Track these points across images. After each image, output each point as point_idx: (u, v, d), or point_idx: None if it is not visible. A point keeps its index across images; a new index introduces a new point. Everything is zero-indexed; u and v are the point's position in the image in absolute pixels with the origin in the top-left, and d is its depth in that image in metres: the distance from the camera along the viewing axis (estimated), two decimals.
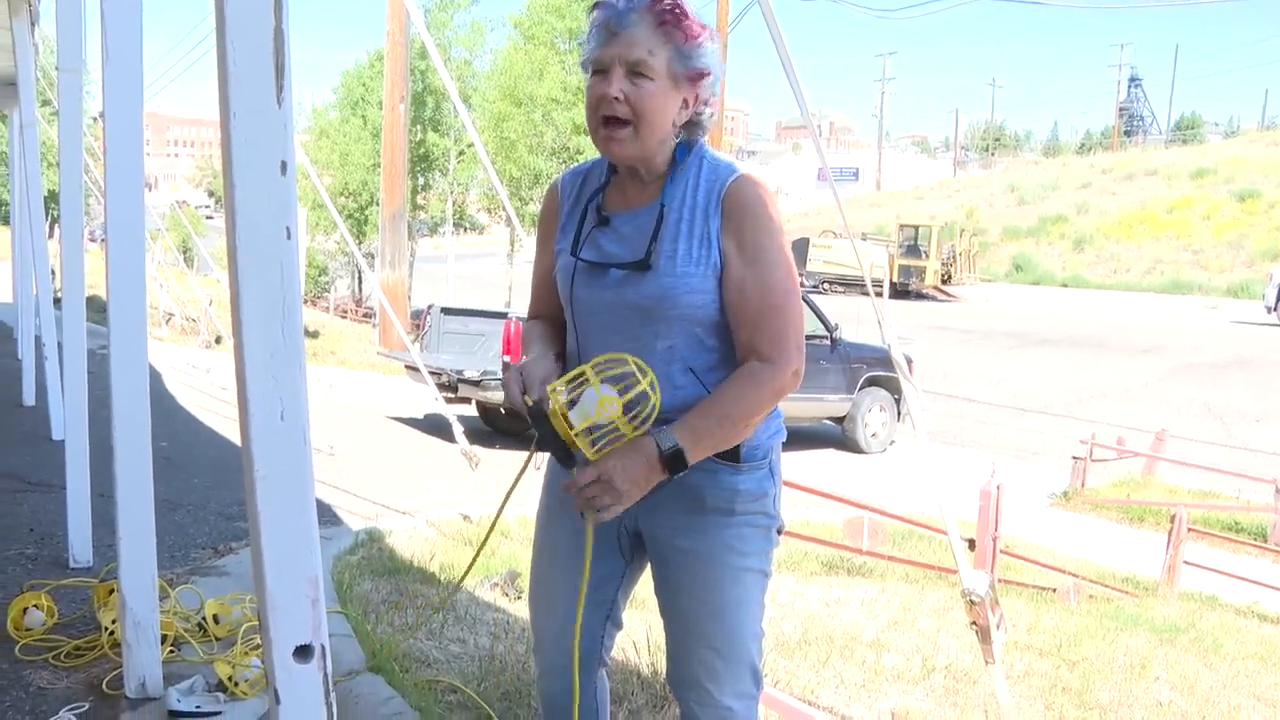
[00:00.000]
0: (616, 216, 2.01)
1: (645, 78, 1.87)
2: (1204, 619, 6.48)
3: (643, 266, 1.92)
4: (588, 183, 2.09)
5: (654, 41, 1.87)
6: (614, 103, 1.87)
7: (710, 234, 1.92)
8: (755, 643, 2.06)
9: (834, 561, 6.84)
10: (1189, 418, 16.14)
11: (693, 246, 1.92)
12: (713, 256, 1.92)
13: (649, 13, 1.87)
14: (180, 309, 20.59)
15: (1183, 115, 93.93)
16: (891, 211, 48.15)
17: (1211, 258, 38.99)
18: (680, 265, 1.91)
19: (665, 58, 1.88)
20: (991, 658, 3.36)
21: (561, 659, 2.16)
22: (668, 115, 1.91)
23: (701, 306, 1.93)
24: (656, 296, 1.91)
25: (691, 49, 1.90)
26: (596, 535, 2.05)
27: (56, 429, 6.81)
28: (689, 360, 1.95)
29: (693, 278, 1.91)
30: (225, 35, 1.34)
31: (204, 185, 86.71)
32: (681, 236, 1.93)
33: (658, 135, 1.91)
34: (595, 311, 2.00)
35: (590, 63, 1.91)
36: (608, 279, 1.96)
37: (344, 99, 36.16)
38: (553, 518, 2.18)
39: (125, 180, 2.79)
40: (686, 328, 1.93)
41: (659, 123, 1.90)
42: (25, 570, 4.27)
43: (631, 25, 1.86)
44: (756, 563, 2.02)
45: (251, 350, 1.40)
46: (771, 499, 2.04)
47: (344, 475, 7.62)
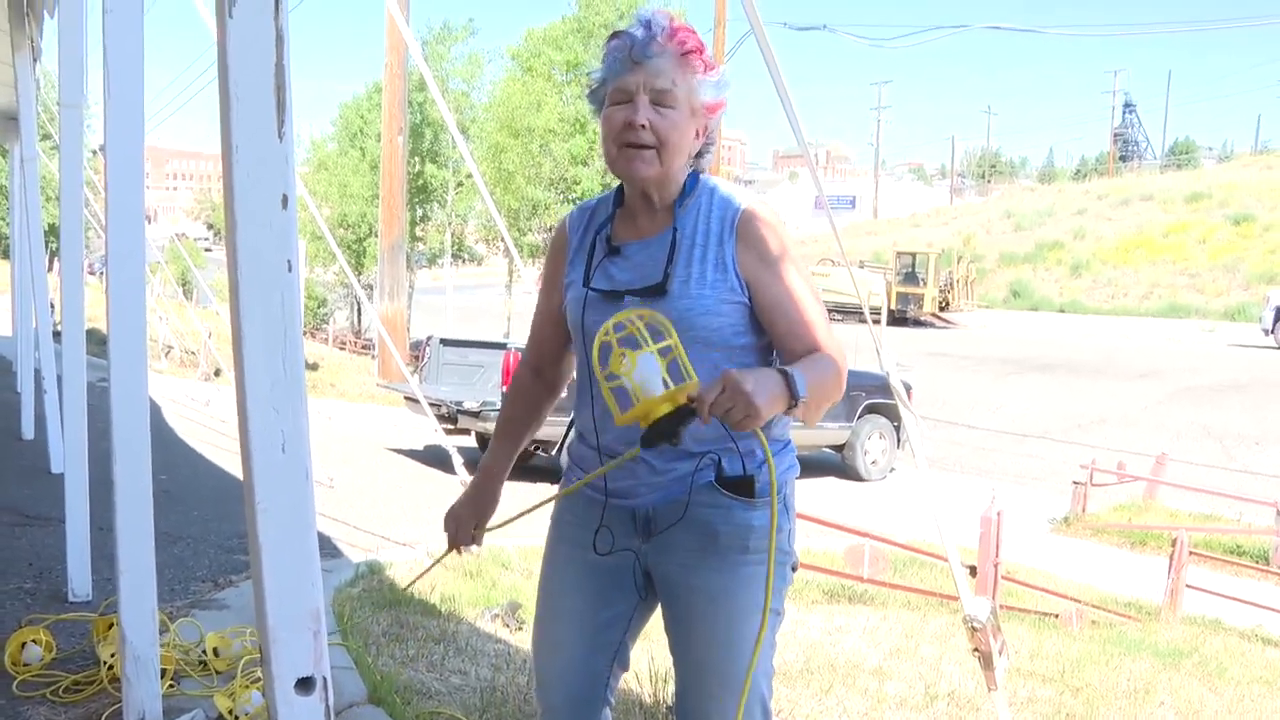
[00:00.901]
0: (627, 246, 2.02)
1: (669, 107, 1.91)
2: (1207, 643, 6.46)
3: (659, 290, 1.93)
4: (595, 216, 2.11)
5: (677, 72, 1.91)
6: (640, 130, 1.90)
7: (725, 260, 1.94)
8: (766, 680, 2.05)
9: (835, 590, 6.82)
10: (1189, 441, 16.12)
11: (706, 271, 1.93)
12: (729, 281, 1.93)
13: (672, 43, 1.91)
14: (180, 342, 20.61)
15: (1177, 140, 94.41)
16: (889, 239, 48.28)
17: (1208, 281, 39.07)
18: (695, 288, 1.92)
19: (686, 88, 1.92)
20: (994, 684, 3.34)
21: (565, 701, 2.13)
22: (687, 144, 1.96)
23: (716, 330, 1.93)
24: (671, 320, 1.88)
25: (710, 81, 1.95)
26: (607, 577, 2.04)
27: (56, 462, 6.79)
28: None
29: (707, 299, 1.92)
30: (227, 69, 1.35)
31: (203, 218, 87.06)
32: (695, 261, 1.94)
33: (678, 162, 1.96)
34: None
35: (613, 90, 1.94)
36: (620, 306, 1.95)
37: (342, 131, 36.38)
38: (560, 556, 2.15)
39: (126, 214, 2.80)
40: (702, 352, 1.91)
41: (681, 150, 1.95)
42: (24, 604, 4.25)
43: (655, 55, 1.90)
44: (774, 603, 1.95)
45: (253, 382, 1.40)
46: (786, 534, 2.02)
47: (344, 507, 7.61)
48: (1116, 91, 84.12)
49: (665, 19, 1.93)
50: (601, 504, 2.03)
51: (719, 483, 1.95)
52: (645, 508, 2.00)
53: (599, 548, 2.03)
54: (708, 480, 1.95)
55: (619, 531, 2.02)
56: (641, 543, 2.02)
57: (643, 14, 1.95)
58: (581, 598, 2.08)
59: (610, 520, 2.03)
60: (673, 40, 1.91)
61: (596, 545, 2.03)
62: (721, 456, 1.95)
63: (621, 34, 1.95)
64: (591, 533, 2.04)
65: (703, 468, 1.95)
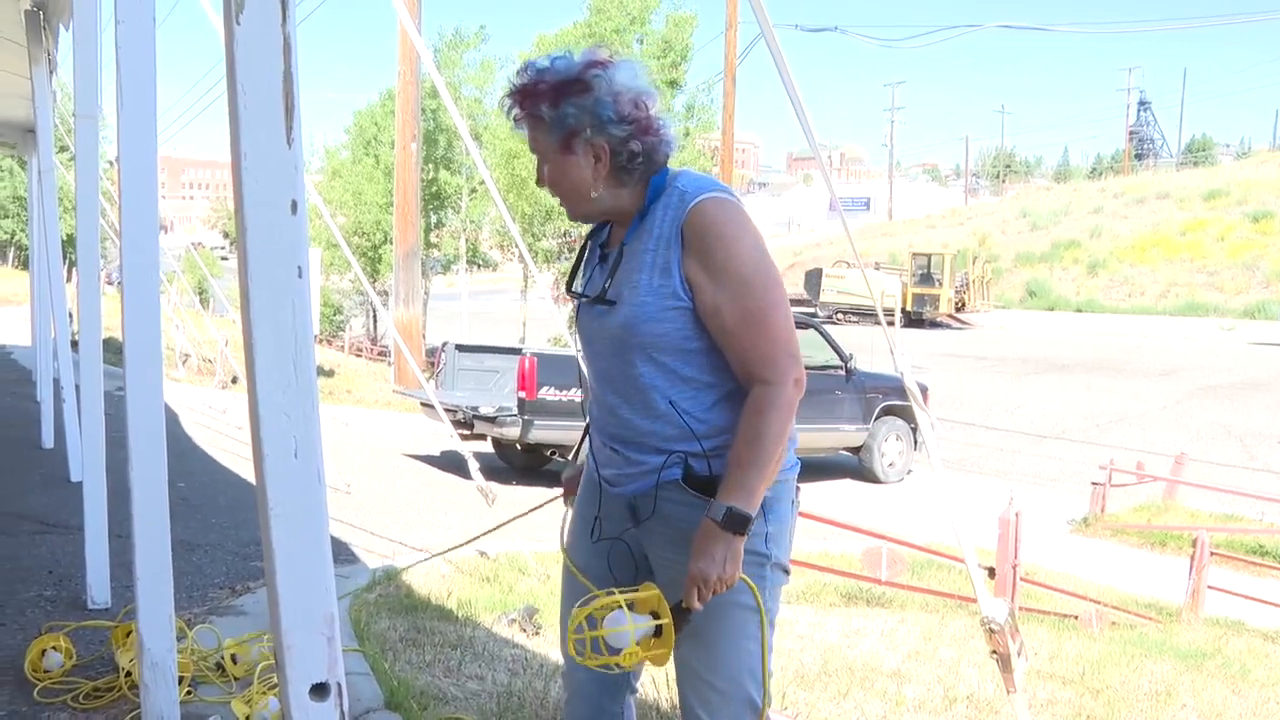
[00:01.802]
0: (612, 252, 2.09)
1: (545, 160, 2.03)
2: (1230, 644, 6.41)
3: (602, 300, 2.03)
4: (604, 226, 2.19)
5: (530, 131, 2.01)
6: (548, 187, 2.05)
7: (670, 263, 1.95)
8: (752, 680, 2.02)
9: (853, 592, 6.79)
10: (1208, 440, 16.02)
11: (654, 277, 1.97)
12: (671, 285, 1.95)
13: (520, 106, 2.00)
14: (196, 350, 20.70)
15: (1193, 138, 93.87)
16: (904, 240, 48.16)
17: (1227, 279, 38.82)
18: (642, 295, 1.97)
19: (541, 139, 2.01)
20: (1013, 687, 3.33)
21: (589, 680, 2.19)
22: (574, 183, 2.02)
23: (662, 335, 1.97)
24: (621, 325, 1.99)
25: (553, 120, 1.97)
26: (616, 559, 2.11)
27: (75, 471, 6.83)
28: (665, 390, 2.00)
29: (649, 307, 1.96)
30: (235, 78, 1.36)
31: (219, 226, 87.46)
32: (644, 268, 1.98)
33: (577, 200, 2.04)
34: (592, 341, 2.10)
35: None
36: (594, 312, 2.07)
37: (356, 139, 36.47)
38: (581, 542, 2.22)
39: (140, 224, 2.82)
40: (654, 357, 1.98)
41: (569, 192, 2.04)
42: (44, 612, 4.28)
43: (518, 121, 2.02)
44: (745, 598, 1.98)
45: (264, 388, 1.41)
46: (761, 537, 2.00)
47: (361, 513, 7.62)
48: (1131, 89, 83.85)
49: (520, 77, 2.00)
50: (608, 494, 2.13)
51: (686, 481, 2.00)
52: (629, 495, 2.07)
53: (592, 535, 2.16)
54: (674, 478, 2.00)
55: (616, 517, 2.11)
56: (634, 528, 2.09)
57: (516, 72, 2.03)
58: (593, 577, 2.14)
59: (608, 506, 2.13)
60: (516, 104, 2.00)
61: (592, 531, 2.15)
62: (689, 457, 2.00)
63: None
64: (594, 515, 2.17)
65: (671, 465, 2.00)
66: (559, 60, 1.96)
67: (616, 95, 1.95)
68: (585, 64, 1.95)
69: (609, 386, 2.07)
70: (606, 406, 2.09)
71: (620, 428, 2.06)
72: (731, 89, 22.19)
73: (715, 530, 1.87)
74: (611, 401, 2.07)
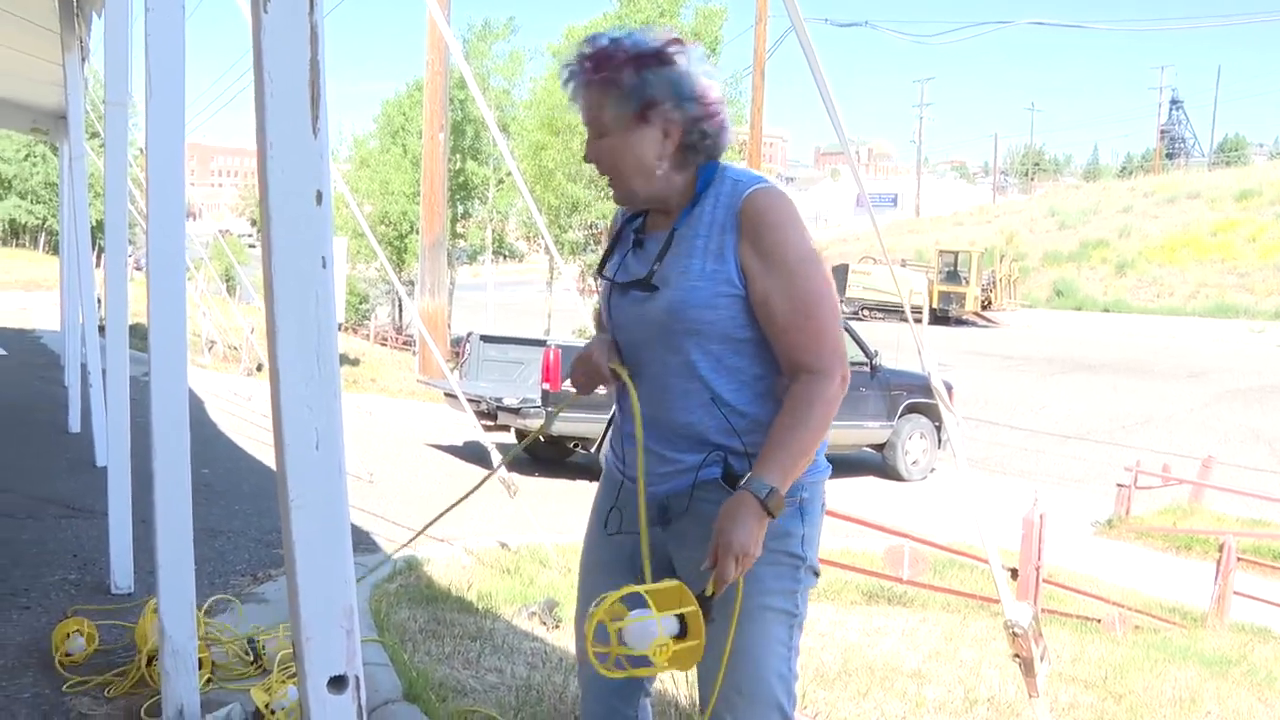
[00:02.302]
0: (649, 238, 2.06)
1: (602, 135, 1.96)
2: (1256, 651, 6.34)
3: (645, 285, 1.98)
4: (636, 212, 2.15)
5: (595, 100, 1.94)
6: (596, 164, 1.99)
7: (725, 249, 1.93)
8: (781, 683, 2.00)
9: (874, 590, 6.76)
10: (1236, 444, 15.87)
11: (706, 262, 1.94)
12: (725, 271, 1.93)
13: (581, 76, 1.94)
14: (223, 337, 20.82)
15: (1226, 137, 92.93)
16: (931, 237, 47.92)
17: (1257, 280, 38.39)
18: (692, 280, 1.93)
19: (610, 110, 1.93)
20: (1035, 690, 3.30)
21: (606, 688, 2.15)
22: (639, 158, 1.95)
23: (712, 322, 1.94)
24: (666, 310, 1.95)
25: (633, 87, 1.91)
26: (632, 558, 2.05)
27: (100, 455, 6.88)
28: (707, 378, 1.96)
29: (701, 291, 1.93)
30: (262, 67, 1.35)
31: (247, 214, 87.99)
32: (696, 253, 1.95)
33: (637, 178, 1.97)
34: (626, 328, 2.05)
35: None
36: (631, 297, 2.03)
37: (384, 128, 36.65)
38: (596, 537, 2.19)
39: (166, 210, 2.83)
40: (700, 344, 1.95)
41: (630, 168, 1.96)
42: (68, 595, 4.31)
43: (578, 91, 1.95)
44: (778, 602, 1.97)
45: (287, 379, 1.40)
46: (799, 539, 1.99)
47: (383, 502, 7.65)
48: (1163, 87, 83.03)
49: (589, 46, 1.94)
50: (632, 491, 2.06)
51: (725, 480, 1.95)
52: (660, 495, 2.02)
53: (608, 527, 2.10)
54: (714, 476, 1.96)
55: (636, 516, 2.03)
56: (661, 530, 2.03)
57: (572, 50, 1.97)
58: (609, 576, 2.10)
59: (629, 504, 2.06)
60: (584, 71, 1.93)
61: (607, 523, 2.10)
62: (729, 454, 1.96)
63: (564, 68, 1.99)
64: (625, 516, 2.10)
65: (710, 463, 1.97)
66: (634, 34, 1.94)
67: (694, 74, 1.94)
68: (666, 40, 1.94)
69: (645, 375, 2.03)
70: (642, 396, 2.02)
71: (656, 418, 2.01)
72: (760, 83, 22.11)
73: (754, 505, 1.82)
74: (647, 390, 2.02)
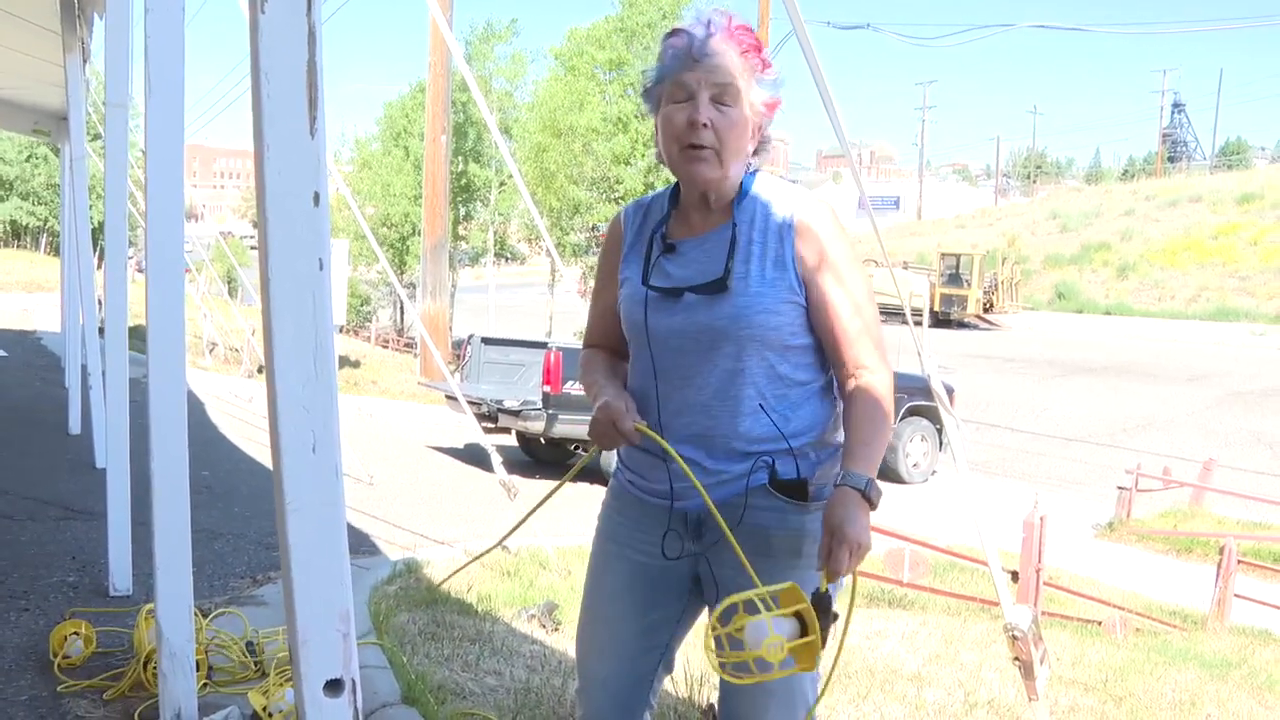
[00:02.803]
0: (683, 244, 2.01)
1: (729, 105, 1.90)
2: (1257, 654, 6.33)
3: (719, 286, 1.92)
4: (650, 214, 2.10)
5: (736, 69, 1.90)
6: (702, 130, 1.89)
7: (785, 257, 1.93)
8: (812, 686, 2.02)
9: (874, 593, 6.76)
10: (1237, 447, 15.86)
11: (766, 268, 1.93)
12: (787, 278, 1.93)
13: (731, 41, 1.90)
14: (223, 339, 20.82)
15: (1227, 140, 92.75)
16: (932, 240, 47.90)
17: (1259, 284, 38.36)
18: (754, 286, 1.92)
19: (745, 86, 1.91)
20: (1035, 693, 3.30)
21: (608, 704, 2.12)
22: (745, 143, 1.95)
23: (774, 329, 1.93)
24: (730, 317, 1.91)
25: (767, 79, 1.94)
26: (657, 579, 2.04)
27: (99, 457, 6.88)
28: (759, 385, 1.94)
29: (766, 298, 1.92)
30: (259, 68, 1.35)
31: (248, 216, 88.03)
32: (754, 258, 1.93)
33: (736, 159, 1.94)
34: (670, 337, 1.98)
35: (672, 86, 1.92)
36: (679, 304, 1.96)
37: (386, 130, 36.64)
38: (609, 556, 2.13)
39: (165, 212, 2.83)
40: (758, 350, 1.93)
41: (740, 148, 1.93)
42: (66, 597, 4.31)
43: (715, 53, 1.89)
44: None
45: (283, 381, 1.40)
46: None
47: (383, 505, 7.64)
48: (1165, 91, 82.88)
49: (724, 17, 1.93)
50: (662, 508, 2.01)
51: (773, 485, 1.94)
52: (697, 509, 1.98)
53: (668, 552, 2.00)
54: (761, 483, 1.94)
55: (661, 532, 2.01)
56: (692, 544, 2.00)
57: (701, 13, 1.94)
58: (630, 600, 2.07)
59: (657, 519, 2.02)
60: (732, 38, 1.90)
61: (665, 550, 2.00)
62: (775, 459, 1.94)
63: (680, 31, 1.94)
64: (644, 535, 2.04)
65: (757, 470, 1.94)
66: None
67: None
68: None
69: (687, 384, 1.97)
70: (679, 406, 1.98)
71: (698, 428, 1.96)
72: None
73: (857, 497, 1.82)
74: (690, 399, 1.97)
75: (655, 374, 2.00)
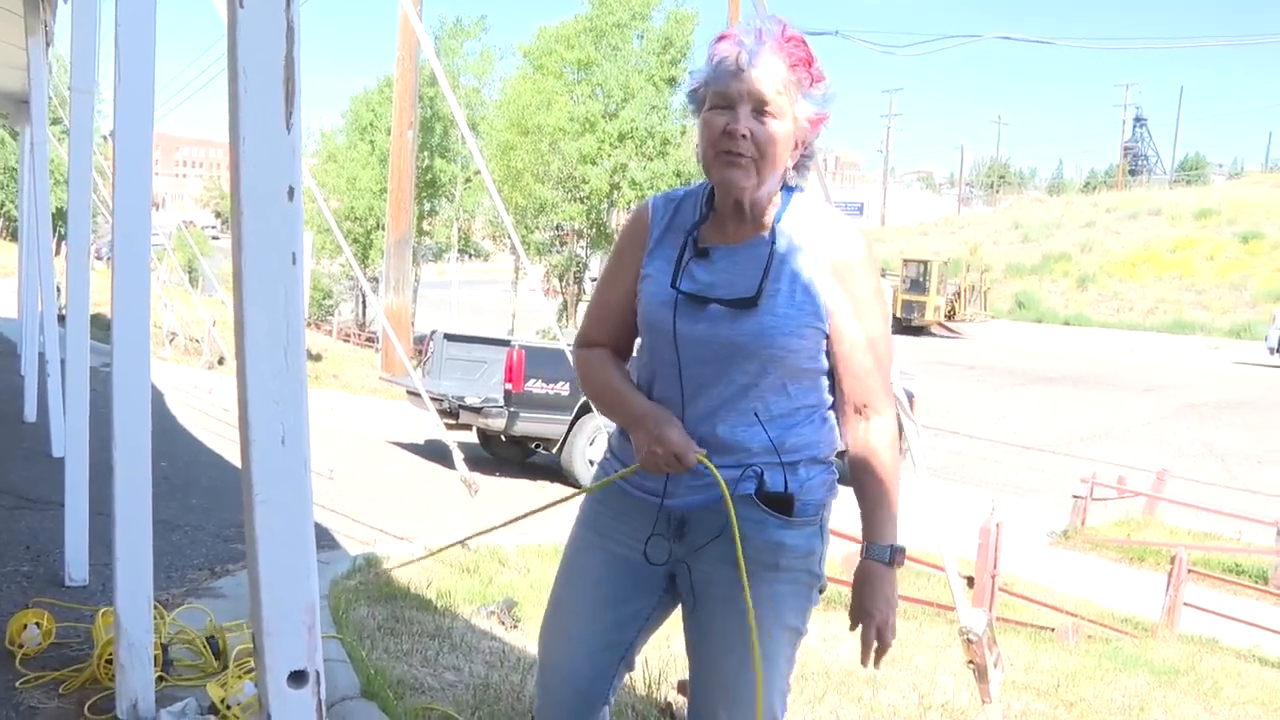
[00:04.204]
0: (715, 250, 1.96)
1: (772, 116, 1.86)
2: (1204, 662, 6.44)
3: (749, 304, 1.90)
4: (681, 211, 2.04)
5: (782, 82, 1.85)
6: (740, 140, 1.85)
7: (816, 284, 1.91)
8: (781, 699, 2.03)
9: (831, 596, 6.73)
10: (1190, 458, 16.10)
11: (796, 291, 1.91)
12: (814, 305, 1.91)
13: (780, 53, 1.86)
14: (184, 329, 20.62)
15: (1187, 156, 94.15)
16: (895, 247, 48.23)
17: (1214, 298, 39.02)
18: (783, 308, 1.90)
19: (789, 99, 1.87)
20: (988, 697, 3.34)
21: (566, 692, 2.11)
22: (785, 156, 1.90)
23: (794, 351, 1.92)
24: (754, 334, 1.89)
25: (815, 94, 1.90)
26: (631, 574, 2.03)
27: (57, 446, 6.80)
28: (767, 401, 1.93)
29: (792, 321, 1.90)
30: (237, 61, 1.35)
31: (211, 206, 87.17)
32: (784, 278, 1.91)
33: (775, 173, 1.90)
34: (692, 344, 1.94)
35: (714, 94, 1.88)
36: (705, 313, 1.93)
37: (352, 124, 36.39)
38: (585, 545, 2.12)
39: (133, 200, 2.80)
40: (774, 370, 1.92)
41: (779, 161, 1.89)
42: (20, 588, 4.25)
43: (763, 64, 1.85)
44: (792, 620, 1.99)
45: (254, 373, 1.40)
46: (818, 558, 2.01)
47: (343, 499, 7.61)
48: (1127, 105, 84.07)
49: (778, 26, 1.89)
50: (650, 505, 2.01)
51: (759, 496, 1.93)
52: (681, 509, 1.98)
53: (652, 558, 2.00)
54: (747, 492, 1.93)
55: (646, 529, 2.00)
56: (672, 543, 2.00)
57: (752, 20, 1.92)
58: (600, 592, 2.07)
59: (645, 515, 2.01)
60: (781, 50, 1.86)
61: (649, 555, 1.99)
62: (765, 470, 1.93)
63: (730, 37, 1.89)
64: (627, 528, 2.03)
65: (745, 479, 1.93)
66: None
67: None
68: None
69: (699, 393, 1.95)
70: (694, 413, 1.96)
71: (700, 437, 1.95)
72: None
73: (883, 570, 1.96)
74: (700, 408, 1.95)
75: (681, 379, 1.97)
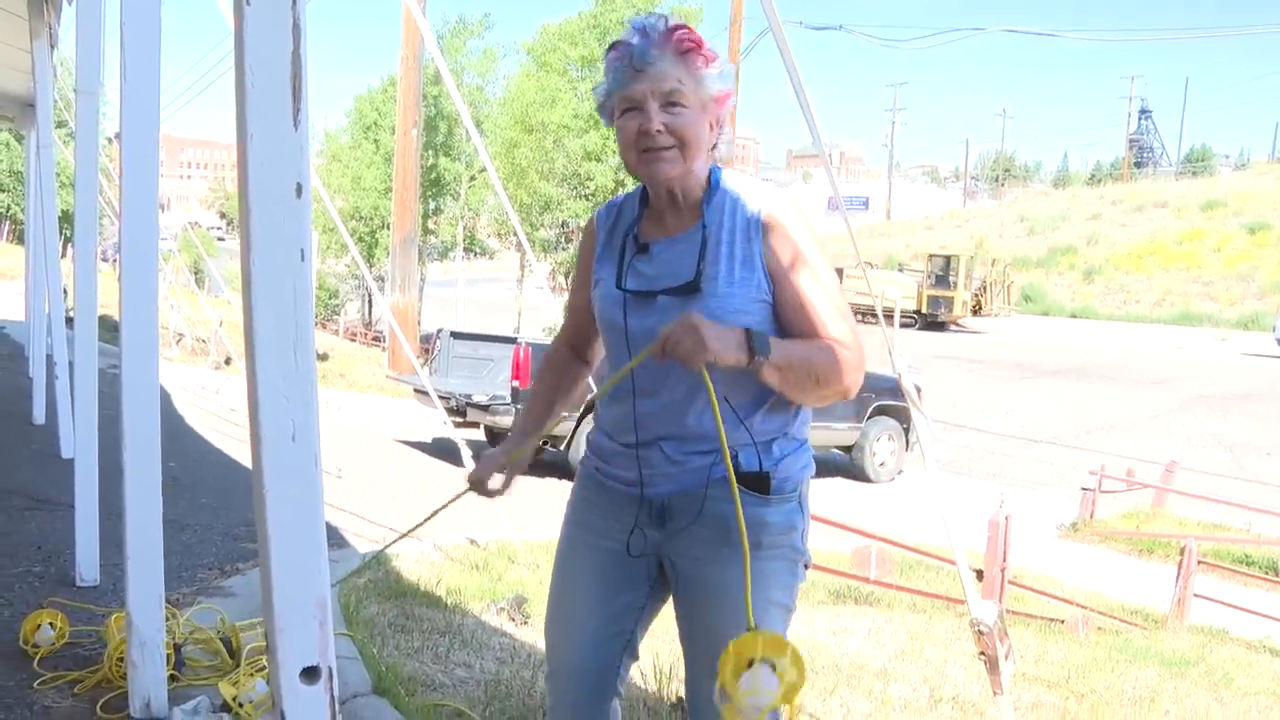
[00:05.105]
0: (655, 244, 2.02)
1: (680, 105, 1.92)
2: (1214, 653, 6.44)
3: (691, 289, 1.93)
4: (622, 215, 2.11)
5: (679, 71, 1.92)
6: (656, 135, 1.91)
7: (753, 256, 1.94)
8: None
9: (841, 590, 6.81)
10: (1199, 450, 16.07)
11: (735, 268, 1.93)
12: (755, 278, 1.94)
13: (669, 44, 1.92)
14: (191, 330, 20.65)
15: (1193, 147, 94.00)
16: (901, 241, 48.20)
17: (1221, 290, 38.90)
18: (723, 287, 1.93)
19: (693, 85, 1.93)
20: (999, 689, 3.34)
21: (576, 687, 2.14)
22: (704, 139, 1.96)
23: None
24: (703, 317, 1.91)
25: (712, 72, 1.96)
26: (621, 565, 2.05)
27: (66, 447, 6.82)
28: (731, 387, 1.93)
29: (735, 299, 1.92)
30: (244, 58, 1.35)
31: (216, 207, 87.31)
32: (723, 259, 1.94)
33: (700, 156, 1.96)
34: (642, 339, 1.97)
35: (619, 100, 1.95)
36: (654, 306, 1.97)
37: (356, 123, 36.44)
38: (575, 542, 2.16)
39: (140, 201, 2.81)
40: None
41: (700, 146, 1.95)
42: (32, 588, 4.27)
43: (656, 59, 1.91)
44: (780, 597, 2.00)
45: (264, 371, 1.40)
46: (800, 533, 2.03)
47: (351, 498, 7.62)
48: (1133, 97, 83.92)
49: (661, 21, 1.95)
50: (630, 496, 2.03)
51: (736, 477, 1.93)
52: (660, 497, 2.00)
53: (632, 550, 2.03)
54: (723, 474, 1.93)
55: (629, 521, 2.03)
56: (655, 532, 2.02)
57: (637, 21, 1.96)
58: (595, 585, 2.09)
59: (626, 507, 2.04)
60: (670, 41, 1.92)
61: (630, 548, 2.03)
62: (739, 451, 1.95)
63: (620, 44, 1.96)
64: (612, 522, 2.06)
65: (719, 461, 1.95)
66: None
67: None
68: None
69: (661, 384, 1.98)
70: (654, 407, 2.00)
71: (669, 426, 1.98)
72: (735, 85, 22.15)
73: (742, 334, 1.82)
74: (663, 400, 1.98)
75: (633, 374, 2.00)
